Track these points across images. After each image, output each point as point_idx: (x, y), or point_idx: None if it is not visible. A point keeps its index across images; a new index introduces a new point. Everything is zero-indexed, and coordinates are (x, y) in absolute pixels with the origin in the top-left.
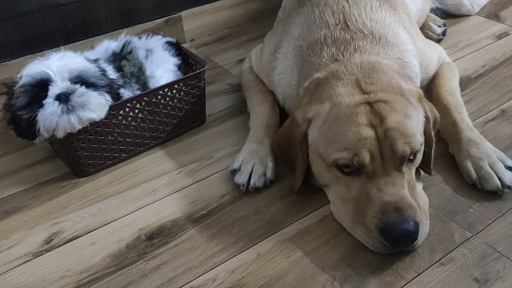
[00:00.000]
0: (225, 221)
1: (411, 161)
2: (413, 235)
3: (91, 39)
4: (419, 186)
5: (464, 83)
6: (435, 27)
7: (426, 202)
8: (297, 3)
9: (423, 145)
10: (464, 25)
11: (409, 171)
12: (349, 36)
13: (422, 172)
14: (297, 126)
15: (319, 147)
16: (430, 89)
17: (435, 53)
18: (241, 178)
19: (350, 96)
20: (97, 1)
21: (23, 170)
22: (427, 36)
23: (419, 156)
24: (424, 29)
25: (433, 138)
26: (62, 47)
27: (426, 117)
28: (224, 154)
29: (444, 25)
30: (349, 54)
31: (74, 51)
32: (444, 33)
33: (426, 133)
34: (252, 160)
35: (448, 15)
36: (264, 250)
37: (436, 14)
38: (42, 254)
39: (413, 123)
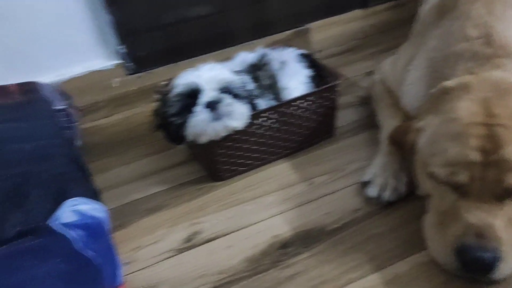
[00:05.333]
0: (359, 236)
1: None
2: (487, 265)
3: (227, 49)
4: None
5: None
6: None
7: None
8: (436, 16)
9: None
10: None
11: None
12: (490, 52)
13: None
14: (409, 132)
15: (423, 156)
16: None
17: None
18: (373, 191)
19: (470, 114)
20: (233, 13)
21: (165, 171)
22: None
23: None
24: None
25: None
26: (208, 59)
27: None
28: (356, 168)
29: None
30: (487, 69)
31: (216, 62)
32: None
33: None
34: (385, 173)
35: None
36: (402, 271)
37: None
38: (183, 252)
39: None
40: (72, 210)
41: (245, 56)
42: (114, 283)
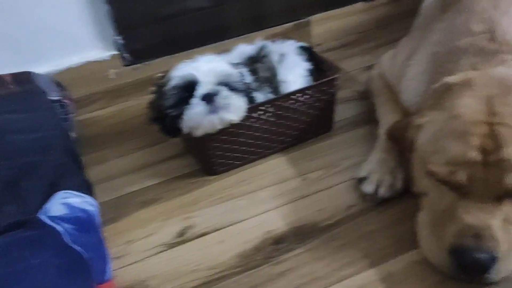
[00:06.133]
0: (352, 233)
1: None
2: (483, 265)
3: (224, 42)
4: None
5: None
6: None
7: None
8: (440, 10)
9: None
10: None
11: None
12: (495, 47)
13: None
14: (410, 129)
15: (422, 153)
16: None
17: None
18: (368, 188)
19: (472, 112)
20: (231, 5)
21: (159, 164)
22: None
23: None
24: None
25: None
26: (204, 52)
27: None
28: (351, 164)
29: None
30: (492, 65)
31: (214, 54)
32: None
33: None
34: (381, 169)
35: None
36: (395, 270)
37: None
38: (175, 246)
39: None
40: (62, 203)
41: (244, 48)
42: (103, 278)
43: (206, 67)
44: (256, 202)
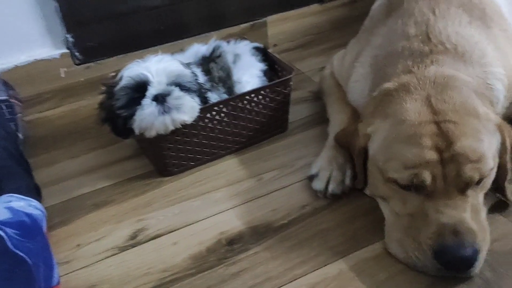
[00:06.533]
0: (306, 232)
1: (478, 183)
2: (469, 261)
3: (180, 41)
4: (484, 212)
5: None
6: None
7: (488, 229)
8: (385, 14)
9: (494, 170)
10: None
11: (475, 195)
12: (428, 49)
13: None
14: (357, 137)
15: (378, 162)
16: None
17: None
18: (318, 184)
19: (417, 114)
20: (188, 4)
21: (112, 165)
22: None
23: (489, 181)
24: None
25: (508, 170)
26: (159, 50)
27: (503, 145)
28: (305, 163)
29: None
30: (425, 66)
31: (166, 53)
32: None
33: (501, 164)
34: (331, 166)
35: None
36: (346, 267)
37: None
38: (127, 249)
39: (484, 147)
40: (5, 207)
41: (198, 48)
42: (49, 284)
43: (158, 66)
44: (210, 203)
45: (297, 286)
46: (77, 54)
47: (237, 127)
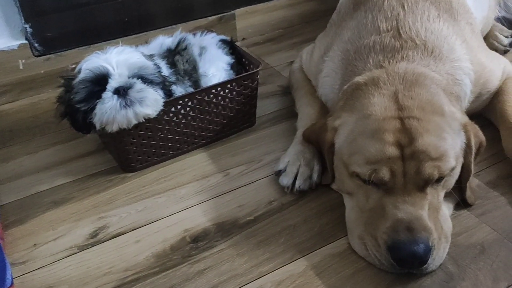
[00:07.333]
0: (272, 229)
1: (438, 181)
2: (421, 258)
3: (145, 33)
4: (444, 210)
5: None
6: (501, 37)
7: (449, 227)
8: (352, 8)
9: (457, 169)
10: None
11: (435, 193)
12: (398, 44)
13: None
14: (326, 131)
15: (343, 156)
16: (494, 106)
17: (498, 67)
18: (286, 180)
19: (382, 109)
20: None
21: (72, 161)
22: (493, 47)
23: (451, 180)
24: (490, 39)
25: (472, 170)
26: (120, 42)
27: (468, 145)
28: (273, 158)
29: None
30: (395, 62)
31: (129, 45)
32: (511, 45)
33: (465, 164)
34: (298, 162)
35: None
36: (312, 263)
37: (503, 24)
38: (87, 248)
39: (446, 146)
40: None
41: (163, 40)
42: (2, 286)
43: (118, 58)
44: (175, 199)
45: (262, 284)
46: (36, 45)
47: (204, 122)
